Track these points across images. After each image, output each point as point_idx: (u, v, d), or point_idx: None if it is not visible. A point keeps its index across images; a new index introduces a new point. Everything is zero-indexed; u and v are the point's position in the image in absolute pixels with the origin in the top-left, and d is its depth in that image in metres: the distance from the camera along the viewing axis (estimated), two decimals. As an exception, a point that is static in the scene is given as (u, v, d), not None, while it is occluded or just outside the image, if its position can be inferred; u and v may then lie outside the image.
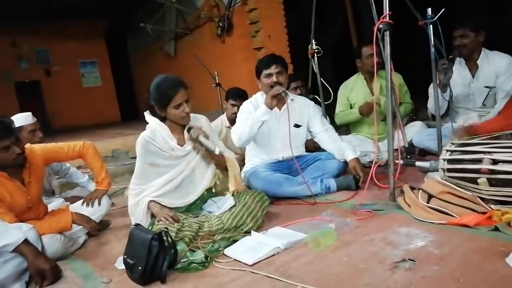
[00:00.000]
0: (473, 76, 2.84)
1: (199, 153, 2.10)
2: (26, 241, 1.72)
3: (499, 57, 2.77)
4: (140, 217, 1.97)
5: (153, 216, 1.99)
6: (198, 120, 2.16)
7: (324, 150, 2.71)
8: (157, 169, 2.03)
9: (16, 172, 2.04)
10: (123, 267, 1.68)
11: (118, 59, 11.22)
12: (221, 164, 2.13)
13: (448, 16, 2.43)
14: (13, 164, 1.97)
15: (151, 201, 1.98)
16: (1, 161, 1.93)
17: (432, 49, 2.51)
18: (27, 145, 2.16)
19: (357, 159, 2.52)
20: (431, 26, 2.46)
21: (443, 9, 2.39)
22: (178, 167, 2.06)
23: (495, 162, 1.71)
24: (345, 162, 2.58)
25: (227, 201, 2.05)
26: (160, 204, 1.98)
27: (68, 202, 2.65)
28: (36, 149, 2.23)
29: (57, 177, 3.03)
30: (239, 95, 3.26)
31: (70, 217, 2.06)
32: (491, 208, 1.68)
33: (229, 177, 2.16)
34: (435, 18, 2.42)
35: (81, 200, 2.44)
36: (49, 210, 2.35)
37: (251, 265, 1.57)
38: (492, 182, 1.70)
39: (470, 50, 2.75)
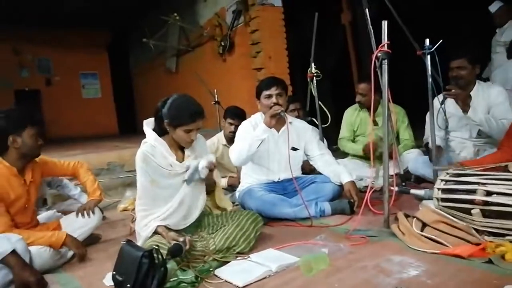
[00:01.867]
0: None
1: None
2: (13, 252, 1.70)
3: (491, 88, 2.81)
4: (144, 239, 1.93)
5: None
6: (198, 139, 2.15)
7: (320, 173, 2.72)
8: (158, 190, 1.99)
9: (22, 170, 2.12)
10: (112, 283, 1.65)
11: (119, 72, 11.29)
12: (209, 186, 2.16)
13: (445, 48, 2.49)
14: (36, 154, 2.14)
15: (158, 226, 1.92)
16: (29, 147, 2.06)
17: (429, 79, 2.56)
18: None
19: (352, 183, 2.53)
20: (428, 56, 2.51)
21: (441, 40, 2.45)
22: (181, 189, 2.02)
23: (489, 193, 1.71)
24: (341, 186, 2.58)
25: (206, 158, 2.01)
26: (167, 228, 1.93)
27: (60, 214, 2.63)
28: (36, 159, 2.25)
29: (49, 188, 3.00)
30: (237, 115, 3.28)
31: (63, 238, 2.03)
32: (484, 239, 1.68)
33: (216, 197, 2.21)
34: (433, 49, 2.48)
35: (74, 212, 2.42)
36: (40, 222, 2.33)
37: (242, 288, 1.55)
38: (485, 214, 1.70)
39: (467, 82, 2.79)
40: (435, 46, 2.47)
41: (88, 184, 2.47)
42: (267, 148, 2.58)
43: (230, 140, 3.27)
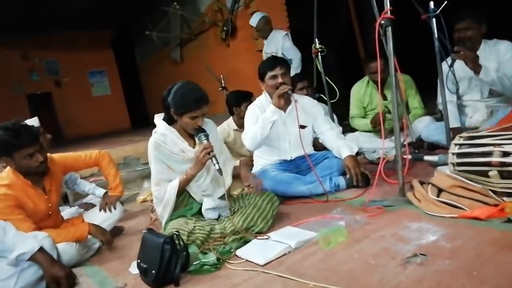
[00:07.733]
0: None
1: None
2: (41, 249, 1.76)
3: (499, 44, 2.72)
4: (171, 202, 2.00)
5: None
6: (206, 123, 2.17)
7: (332, 149, 2.71)
8: (174, 175, 2.03)
9: (38, 180, 2.11)
10: (137, 271, 1.71)
11: (126, 68, 11.38)
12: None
13: (449, 10, 2.41)
14: (35, 171, 2.03)
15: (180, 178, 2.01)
16: (25, 168, 2.00)
17: (437, 43, 2.49)
18: (47, 155, 2.21)
19: (350, 157, 2.48)
20: (434, 19, 2.44)
21: (445, 2, 2.37)
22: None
23: (505, 154, 1.67)
24: None
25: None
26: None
27: (82, 209, 2.70)
28: (55, 158, 2.29)
29: (65, 187, 3.07)
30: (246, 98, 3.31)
31: (87, 229, 2.10)
32: (503, 200, 1.66)
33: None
34: (438, 12, 2.40)
35: (96, 207, 2.49)
36: (64, 218, 2.40)
37: (263, 265, 1.58)
38: (503, 175, 1.66)
39: (474, 43, 2.71)
40: (440, 8, 2.40)
41: (110, 179, 2.51)
42: (276, 129, 2.58)
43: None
